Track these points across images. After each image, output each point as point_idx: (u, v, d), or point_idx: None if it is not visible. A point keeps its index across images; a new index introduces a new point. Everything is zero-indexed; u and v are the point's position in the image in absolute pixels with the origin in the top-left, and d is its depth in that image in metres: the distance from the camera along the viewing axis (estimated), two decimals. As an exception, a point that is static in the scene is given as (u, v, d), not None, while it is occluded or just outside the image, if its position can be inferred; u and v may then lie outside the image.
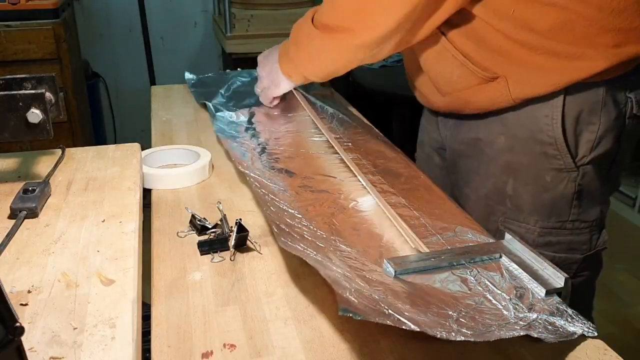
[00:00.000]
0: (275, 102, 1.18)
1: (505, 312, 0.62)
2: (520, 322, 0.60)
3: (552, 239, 0.91)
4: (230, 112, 1.18)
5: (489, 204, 0.94)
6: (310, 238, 0.74)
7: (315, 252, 0.69)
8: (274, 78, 1.11)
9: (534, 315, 0.61)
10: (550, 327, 0.60)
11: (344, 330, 0.60)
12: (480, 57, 0.87)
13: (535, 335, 0.58)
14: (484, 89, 0.88)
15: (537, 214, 0.90)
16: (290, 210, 0.82)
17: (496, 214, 0.93)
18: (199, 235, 0.78)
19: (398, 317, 0.56)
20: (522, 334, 0.58)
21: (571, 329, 0.60)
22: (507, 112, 0.89)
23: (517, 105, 0.87)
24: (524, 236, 0.89)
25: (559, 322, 0.60)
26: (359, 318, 0.54)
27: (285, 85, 1.12)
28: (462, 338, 0.56)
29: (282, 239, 0.71)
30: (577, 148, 0.86)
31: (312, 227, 0.78)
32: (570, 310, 0.62)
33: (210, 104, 1.21)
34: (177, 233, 0.79)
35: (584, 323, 0.61)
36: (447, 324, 0.58)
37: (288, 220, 0.78)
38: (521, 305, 0.63)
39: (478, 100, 0.90)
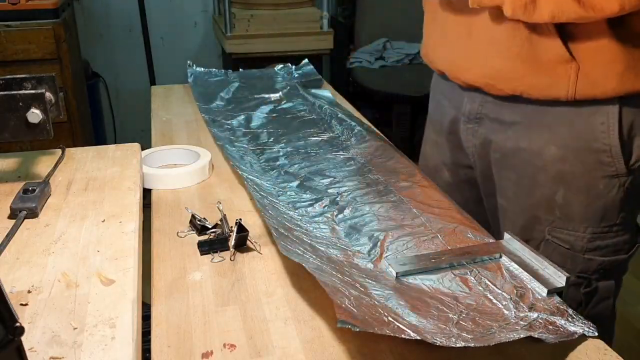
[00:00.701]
0: None
1: (506, 312, 0.62)
2: (521, 322, 0.60)
3: (601, 243, 0.90)
4: (228, 121, 1.17)
5: (535, 214, 0.91)
6: (309, 241, 0.74)
7: (314, 256, 0.69)
8: None
9: (535, 315, 0.61)
10: (550, 327, 0.60)
11: (344, 330, 0.60)
12: (574, 29, 0.80)
13: (536, 336, 0.58)
14: (550, 67, 0.82)
15: (587, 221, 0.88)
16: (289, 212, 0.82)
17: (542, 223, 0.91)
18: (198, 235, 0.78)
19: (398, 324, 0.56)
20: (522, 336, 0.58)
21: (572, 328, 0.60)
22: (557, 120, 0.86)
23: (570, 103, 0.83)
24: (573, 243, 0.89)
25: (560, 321, 0.60)
26: (358, 330, 0.54)
27: None
28: (463, 344, 0.56)
29: (282, 243, 0.71)
30: (631, 153, 0.85)
31: (311, 229, 0.78)
32: (570, 310, 0.62)
33: (205, 117, 1.21)
34: (177, 233, 0.79)
35: (585, 323, 0.60)
36: (447, 328, 0.58)
37: (287, 223, 0.78)
38: (522, 304, 0.63)
39: (536, 80, 0.84)
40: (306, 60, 1.53)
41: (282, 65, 1.50)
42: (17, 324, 0.42)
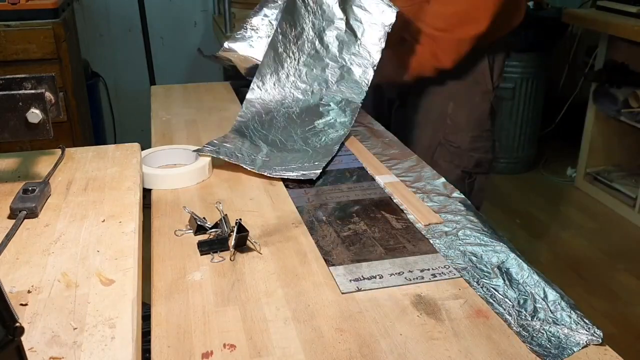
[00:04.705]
0: None
1: (507, 317, 0.62)
2: (523, 332, 0.60)
3: (478, 145, 1.28)
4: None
5: (434, 126, 1.28)
6: None
7: None
8: None
9: (537, 325, 0.60)
10: (553, 339, 0.59)
11: (344, 330, 0.60)
12: None
13: (537, 349, 0.57)
14: None
15: (468, 127, 1.26)
16: None
17: (438, 131, 1.27)
18: (195, 235, 0.78)
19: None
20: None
21: (576, 338, 0.59)
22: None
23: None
24: (460, 144, 1.27)
25: (562, 331, 0.60)
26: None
27: None
28: None
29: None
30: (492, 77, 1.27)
31: None
32: (574, 315, 0.62)
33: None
34: (175, 232, 0.79)
35: (589, 329, 0.60)
36: None
37: None
38: (524, 312, 0.62)
39: None
40: None
41: None
42: (17, 324, 0.42)
